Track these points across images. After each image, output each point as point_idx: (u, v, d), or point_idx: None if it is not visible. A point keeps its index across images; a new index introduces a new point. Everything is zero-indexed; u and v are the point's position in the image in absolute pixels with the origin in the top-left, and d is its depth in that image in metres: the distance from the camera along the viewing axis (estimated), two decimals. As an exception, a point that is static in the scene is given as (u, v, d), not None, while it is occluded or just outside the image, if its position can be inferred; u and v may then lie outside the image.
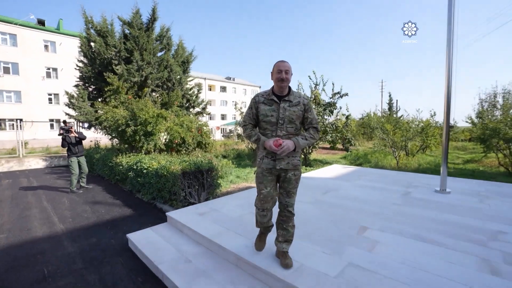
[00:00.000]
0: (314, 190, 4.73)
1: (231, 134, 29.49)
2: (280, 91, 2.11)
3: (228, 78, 50.99)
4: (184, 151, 7.64)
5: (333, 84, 10.20)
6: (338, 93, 9.86)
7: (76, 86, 10.85)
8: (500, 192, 4.53)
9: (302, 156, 10.03)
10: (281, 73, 2.02)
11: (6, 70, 23.36)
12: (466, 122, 13.65)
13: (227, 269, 2.41)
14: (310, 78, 10.26)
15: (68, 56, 26.85)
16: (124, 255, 2.94)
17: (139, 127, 6.47)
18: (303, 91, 10.01)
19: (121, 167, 6.05)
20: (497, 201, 4.01)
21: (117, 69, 9.54)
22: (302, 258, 2.29)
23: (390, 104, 42.20)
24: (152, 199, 4.87)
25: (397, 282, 1.95)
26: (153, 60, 10.02)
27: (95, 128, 10.21)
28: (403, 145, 10.27)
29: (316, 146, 10.05)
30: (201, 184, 4.41)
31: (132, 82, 9.27)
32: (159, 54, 11.04)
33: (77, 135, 5.69)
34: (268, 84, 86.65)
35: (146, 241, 3.02)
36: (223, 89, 49.01)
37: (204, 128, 8.42)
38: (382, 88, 35.81)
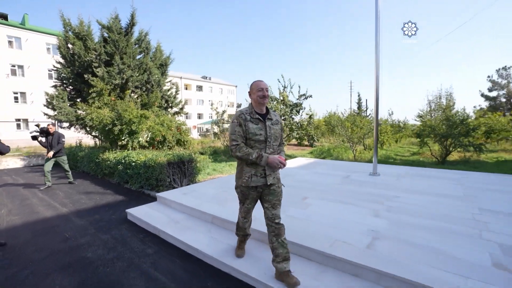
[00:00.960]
0: (276, 176, 5.88)
1: (208, 133, 30.20)
2: (261, 109, 2.22)
3: (204, 77, 51.22)
4: (165, 148, 8.46)
5: (299, 86, 11.52)
6: (304, 95, 11.17)
7: (55, 86, 11.14)
8: (413, 173, 5.99)
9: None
10: (262, 90, 2.16)
11: (-36, 67, 22.16)
12: (415, 120, 15.74)
13: (205, 225, 3.44)
14: (279, 81, 11.48)
15: (35, 53, 25.88)
16: (126, 224, 3.84)
17: (124, 126, 7.21)
18: (272, 93, 11.18)
19: (108, 162, 6.77)
20: (407, 179, 5.42)
21: (98, 71, 10.04)
22: (256, 215, 3.39)
23: (359, 103, 45.12)
24: (140, 187, 5.72)
25: (321, 224, 3.11)
26: (133, 63, 10.63)
27: (75, 127, 10.64)
28: (360, 140, 11.85)
29: (285, 142, 11.28)
30: (183, 172, 5.37)
31: (114, 84, 9.84)
32: (138, 57, 11.63)
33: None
34: (243, 84, 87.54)
35: (142, 213, 3.94)
36: (200, 88, 49.22)
37: (183, 127, 9.28)
38: (351, 89, 38.38)
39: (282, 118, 10.44)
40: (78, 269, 2.62)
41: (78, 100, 10.94)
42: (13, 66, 25.27)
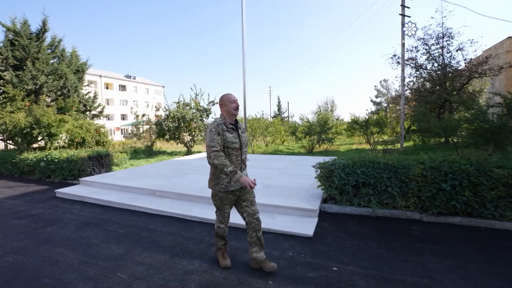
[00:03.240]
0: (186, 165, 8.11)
1: (131, 134, 29.88)
2: (232, 119, 2.40)
3: (128, 77, 48.87)
4: (85, 148, 9.63)
5: (208, 94, 14.01)
6: (212, 101, 13.66)
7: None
8: (270, 159, 9.11)
9: (185, 148, 13.37)
10: (235, 102, 2.37)
11: None
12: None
13: (117, 192, 5.41)
14: (192, 89, 13.67)
15: None
16: (56, 199, 5.45)
17: (43, 129, 8.21)
18: (183, 100, 13.30)
19: (28, 161, 7.73)
20: (265, 162, 8.41)
21: (5, 75, 10.28)
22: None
23: (279, 106, 50.74)
24: (63, 179, 7.08)
25: (190, 184, 5.47)
26: (46, 69, 11.14)
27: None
28: (261, 138, 15.12)
29: (197, 140, 13.57)
30: (101, 164, 7.05)
31: (27, 90, 10.29)
32: (52, 61, 12.03)
33: None
34: (172, 84, 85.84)
35: (69, 190, 5.61)
36: (123, 87, 46.84)
37: (102, 129, 10.53)
38: (270, 93, 43.07)
39: (194, 121, 12.67)
40: (28, 217, 4.31)
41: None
42: None
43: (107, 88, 43.86)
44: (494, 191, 3.25)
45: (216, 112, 14.21)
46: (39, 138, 8.35)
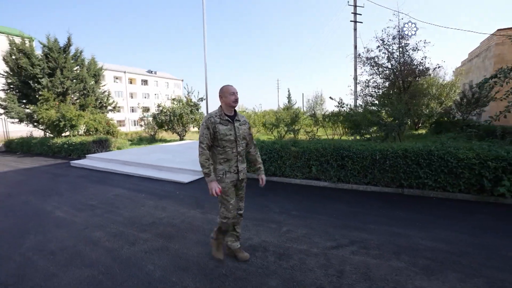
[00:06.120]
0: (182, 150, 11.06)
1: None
2: (230, 111, 2.43)
3: (150, 72, 53.00)
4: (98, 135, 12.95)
5: (198, 92, 16.79)
6: (201, 98, 16.43)
7: (4, 90, 14.54)
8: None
9: (177, 135, 16.38)
10: (234, 94, 2.38)
11: None
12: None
13: (104, 163, 8.42)
14: (185, 88, 16.53)
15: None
16: (69, 166, 8.60)
17: (67, 122, 11.54)
18: (176, 97, 16.20)
19: (57, 144, 11.11)
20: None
21: (42, 81, 13.82)
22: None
23: (289, 98, 52.37)
24: (78, 156, 10.33)
25: (162, 161, 8.35)
26: (71, 75, 14.58)
27: (25, 122, 14.29)
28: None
29: (189, 131, 16.50)
30: (102, 146, 10.18)
31: (57, 92, 13.79)
32: (75, 68, 15.46)
33: None
34: (190, 78, 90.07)
35: (79, 162, 8.74)
36: (145, 82, 51.16)
37: (111, 122, 13.80)
38: (278, 86, 44.80)
39: (184, 115, 15.57)
40: (52, 174, 7.42)
41: (24, 101, 14.53)
42: None
43: (130, 83, 48.42)
44: (290, 160, 5.61)
45: (213, 105, 16.97)
46: (65, 129, 11.71)
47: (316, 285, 2.24)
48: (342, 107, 9.28)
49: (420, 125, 18.18)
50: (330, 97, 9.28)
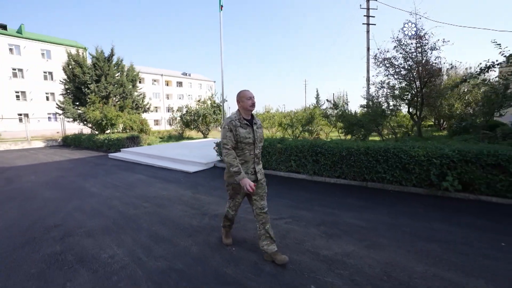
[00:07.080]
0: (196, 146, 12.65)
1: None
2: (247, 115, 2.55)
3: (184, 74, 56.45)
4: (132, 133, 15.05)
5: (221, 94, 18.21)
6: (225, 99, 17.85)
7: (63, 94, 17.47)
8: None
9: (202, 135, 17.99)
10: (251, 99, 2.50)
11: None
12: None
13: (145, 157, 10.13)
14: (209, 90, 18.09)
15: (32, 58, 30.93)
16: (107, 158, 10.50)
17: (108, 121, 13.71)
18: (202, 98, 17.82)
19: (100, 140, 13.30)
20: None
21: (91, 87, 16.39)
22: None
23: (317, 98, 52.03)
24: (115, 150, 12.33)
25: (165, 153, 9.87)
26: (113, 81, 17.00)
27: (77, 121, 17.04)
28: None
29: (211, 129, 18.04)
30: (134, 142, 12.03)
31: (101, 96, 16.26)
32: (116, 74, 17.94)
33: None
34: (220, 80, 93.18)
35: (115, 154, 10.60)
36: (180, 84, 54.69)
37: (144, 121, 15.86)
38: (305, 86, 44.95)
39: (208, 115, 17.13)
40: (93, 163, 9.28)
41: (76, 103, 17.33)
42: (14, 69, 29.99)
43: (167, 85, 52.23)
44: (276, 155, 6.53)
45: (231, 107, 18.34)
46: (107, 127, 13.94)
47: (244, 236, 3.24)
48: (336, 109, 9.82)
49: (445, 125, 17.51)
50: (327, 100, 9.87)
